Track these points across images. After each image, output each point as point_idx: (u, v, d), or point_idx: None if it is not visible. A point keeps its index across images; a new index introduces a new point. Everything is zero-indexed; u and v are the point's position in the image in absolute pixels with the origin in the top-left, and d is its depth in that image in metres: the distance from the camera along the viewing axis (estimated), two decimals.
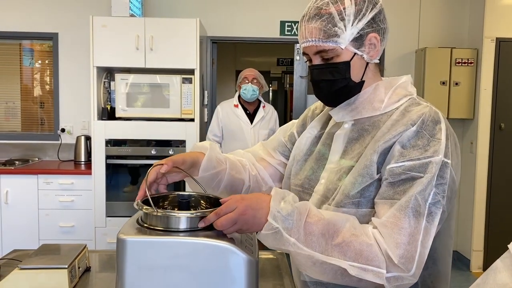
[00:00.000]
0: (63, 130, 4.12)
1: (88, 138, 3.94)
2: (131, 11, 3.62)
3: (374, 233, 0.90)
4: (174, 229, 0.91)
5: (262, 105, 3.68)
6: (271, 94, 9.02)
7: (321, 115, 1.20)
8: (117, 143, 3.57)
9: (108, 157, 3.56)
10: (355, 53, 1.01)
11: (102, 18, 3.50)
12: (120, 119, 3.59)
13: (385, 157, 0.96)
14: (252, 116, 3.62)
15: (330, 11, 0.99)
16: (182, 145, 3.59)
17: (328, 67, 1.02)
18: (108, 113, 3.65)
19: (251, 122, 3.59)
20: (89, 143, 3.89)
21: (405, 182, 0.92)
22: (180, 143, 3.59)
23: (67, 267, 1.37)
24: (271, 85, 8.66)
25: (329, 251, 0.89)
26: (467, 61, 3.96)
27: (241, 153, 1.28)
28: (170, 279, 0.87)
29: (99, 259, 1.75)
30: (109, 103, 3.73)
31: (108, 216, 3.58)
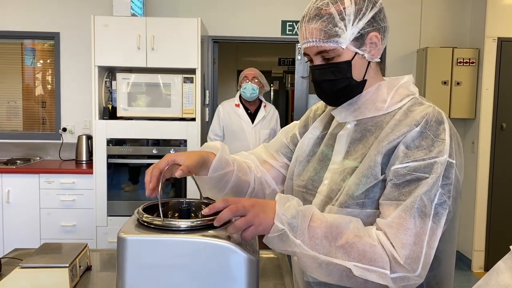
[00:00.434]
0: (64, 130, 4.13)
1: (89, 138, 3.95)
2: (132, 10, 3.62)
3: (378, 234, 0.90)
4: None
5: (263, 104, 3.68)
6: (272, 94, 9.01)
7: (323, 115, 1.20)
8: (118, 142, 3.57)
9: (109, 156, 3.56)
10: (356, 53, 1.01)
11: (103, 18, 3.51)
12: (121, 118, 3.59)
13: (389, 158, 0.96)
14: (253, 116, 3.62)
15: (330, 11, 0.99)
16: (183, 145, 3.59)
17: (330, 67, 1.02)
18: (110, 113, 3.65)
19: (252, 122, 3.59)
20: (90, 142, 3.90)
21: (410, 183, 0.92)
22: (181, 142, 3.59)
23: (68, 266, 1.37)
24: (272, 84, 8.66)
25: (332, 253, 0.89)
26: (468, 60, 3.95)
27: (245, 155, 1.28)
28: (170, 278, 0.87)
29: (100, 258, 1.75)
30: (111, 102, 3.73)
31: (109, 216, 3.58)
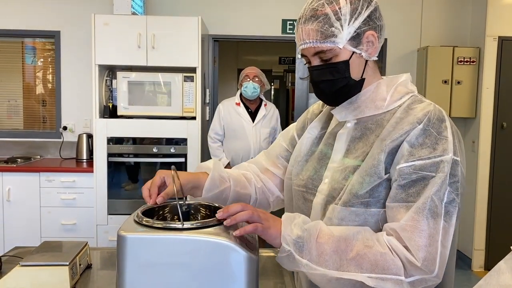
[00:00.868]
0: (65, 128, 4.13)
1: (90, 136, 3.95)
2: (133, 9, 3.62)
3: (390, 240, 0.90)
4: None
5: (264, 103, 3.68)
6: (273, 93, 9.00)
7: (321, 115, 1.20)
8: (118, 141, 3.57)
9: (109, 155, 3.56)
10: (353, 52, 1.01)
11: (104, 16, 3.51)
12: (121, 117, 3.59)
13: (393, 157, 0.96)
14: (253, 115, 3.61)
15: (326, 11, 0.99)
16: (184, 143, 3.59)
17: (328, 67, 1.02)
18: (110, 111, 3.65)
19: (252, 121, 3.58)
20: (91, 141, 3.90)
21: (417, 182, 0.92)
22: (182, 141, 3.59)
23: (68, 264, 1.37)
24: (273, 83, 8.65)
25: (345, 267, 0.89)
26: (469, 59, 3.95)
27: (245, 166, 1.30)
28: (170, 276, 0.87)
29: (100, 257, 1.75)
30: (111, 101, 3.73)
31: (109, 214, 3.59)
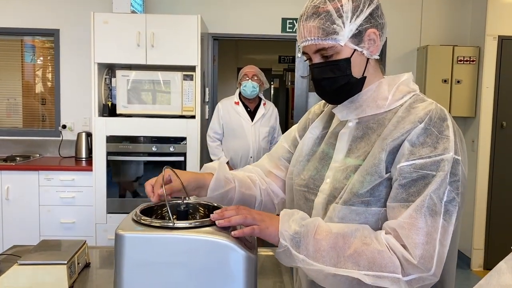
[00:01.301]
0: (64, 127, 4.13)
1: (89, 135, 3.94)
2: (132, 7, 3.61)
3: (388, 238, 0.90)
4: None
5: (263, 102, 3.67)
6: (272, 92, 9.00)
7: (322, 115, 1.20)
8: (118, 139, 3.56)
9: (109, 153, 3.56)
10: (355, 50, 1.01)
11: (103, 15, 3.50)
12: (121, 115, 3.58)
13: (394, 156, 0.95)
14: (253, 114, 3.61)
15: (328, 9, 0.99)
16: (183, 142, 3.58)
17: (329, 65, 1.02)
18: (109, 110, 3.65)
19: (251, 120, 3.58)
20: (90, 139, 3.90)
21: (417, 181, 0.91)
22: (181, 140, 3.58)
23: (66, 263, 1.37)
24: (272, 82, 8.65)
25: (342, 263, 0.90)
26: (469, 59, 3.95)
27: (250, 169, 1.31)
28: (168, 275, 0.87)
29: (99, 255, 1.75)
30: (110, 99, 3.73)
31: (108, 213, 3.59)
